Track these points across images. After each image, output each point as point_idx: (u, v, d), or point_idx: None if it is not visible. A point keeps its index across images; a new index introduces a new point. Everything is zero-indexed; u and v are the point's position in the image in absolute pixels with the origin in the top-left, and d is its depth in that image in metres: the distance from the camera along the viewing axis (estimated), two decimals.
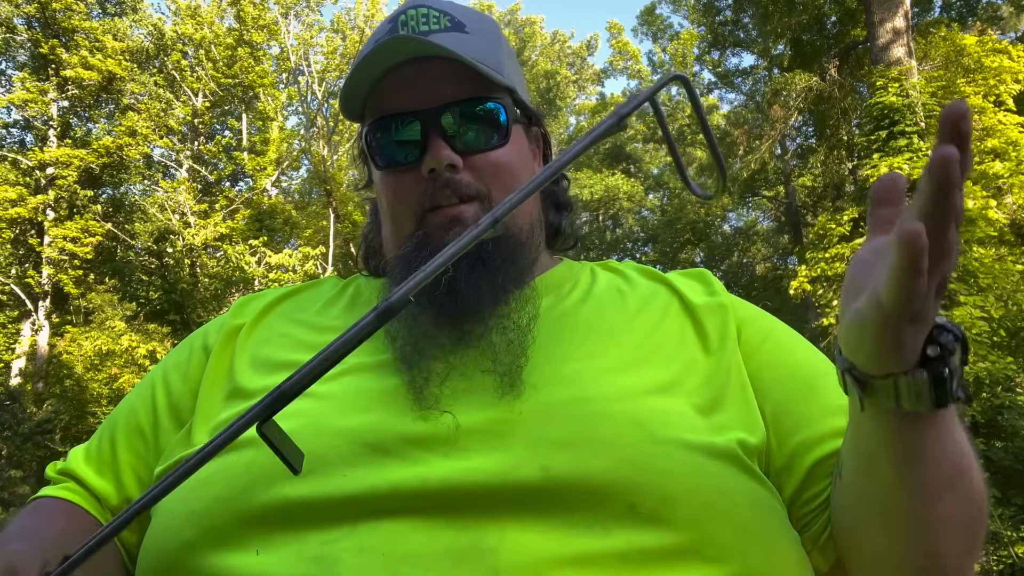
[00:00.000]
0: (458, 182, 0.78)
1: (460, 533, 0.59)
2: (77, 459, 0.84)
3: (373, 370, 0.74)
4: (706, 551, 0.61)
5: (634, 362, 0.72)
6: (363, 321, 0.47)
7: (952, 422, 0.59)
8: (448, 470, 0.62)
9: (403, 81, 0.79)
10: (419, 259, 0.75)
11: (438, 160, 0.76)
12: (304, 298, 0.89)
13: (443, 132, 0.77)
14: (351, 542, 0.59)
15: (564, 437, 0.64)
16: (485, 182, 0.79)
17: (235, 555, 0.62)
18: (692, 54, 18.34)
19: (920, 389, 0.53)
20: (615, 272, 0.89)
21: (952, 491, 0.61)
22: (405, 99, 0.79)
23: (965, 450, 0.62)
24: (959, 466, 0.61)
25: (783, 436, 0.74)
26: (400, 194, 0.80)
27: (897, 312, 0.47)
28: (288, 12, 17.10)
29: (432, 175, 0.77)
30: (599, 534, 0.60)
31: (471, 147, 0.79)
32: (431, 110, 0.78)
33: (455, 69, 0.78)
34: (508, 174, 0.81)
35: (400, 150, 0.79)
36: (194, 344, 0.86)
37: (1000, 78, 9.01)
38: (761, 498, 0.68)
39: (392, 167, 0.80)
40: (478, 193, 0.78)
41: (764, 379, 0.76)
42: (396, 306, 0.46)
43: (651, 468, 0.63)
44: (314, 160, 17.50)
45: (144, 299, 14.79)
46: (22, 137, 15.69)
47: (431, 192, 0.78)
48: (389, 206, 0.82)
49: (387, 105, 0.80)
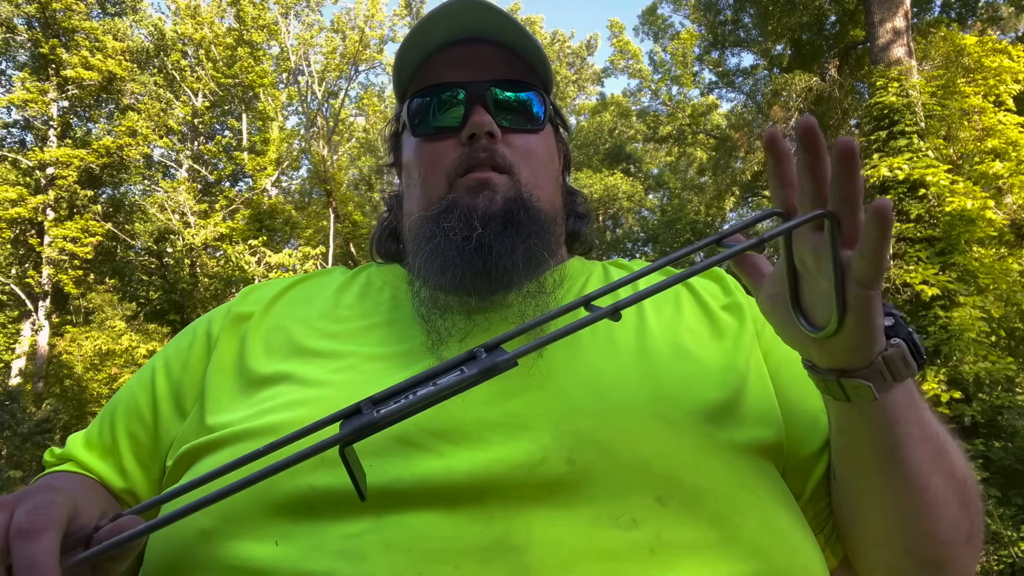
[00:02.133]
0: (494, 151, 0.79)
1: (486, 527, 0.58)
2: (77, 445, 0.82)
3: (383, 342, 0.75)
4: (732, 545, 0.61)
5: (653, 357, 0.72)
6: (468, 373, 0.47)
7: (921, 400, 0.63)
8: (473, 462, 0.61)
9: (451, 59, 0.83)
10: (448, 220, 0.77)
11: (480, 125, 0.79)
12: (314, 285, 0.88)
13: (486, 104, 0.80)
14: (377, 536, 0.59)
15: (588, 428, 0.64)
16: (517, 160, 0.81)
17: (254, 545, 0.60)
18: (692, 54, 18.33)
19: (903, 353, 0.57)
20: (627, 270, 0.90)
21: (938, 470, 0.64)
22: (453, 74, 0.82)
23: (940, 429, 0.66)
24: (938, 445, 0.64)
25: (798, 435, 0.74)
26: (435, 161, 0.82)
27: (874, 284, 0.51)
28: (288, 12, 17.10)
29: (471, 141, 0.79)
30: (627, 528, 0.59)
31: (510, 124, 0.82)
32: (478, 82, 0.81)
33: (503, 54, 0.82)
34: (538, 160, 0.83)
35: (442, 117, 0.82)
36: (197, 331, 0.85)
37: (1000, 78, 9.00)
38: (783, 494, 0.68)
39: (431, 135, 0.83)
40: (509, 168, 0.80)
41: (782, 377, 0.77)
42: (502, 365, 0.47)
43: (678, 461, 0.63)
44: (314, 160, 17.50)
45: (144, 299, 14.80)
46: (22, 137, 15.69)
47: (467, 156, 0.79)
48: (422, 173, 0.83)
49: (434, 78, 0.83)
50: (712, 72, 18.31)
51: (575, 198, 0.97)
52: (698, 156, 20.27)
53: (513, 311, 0.76)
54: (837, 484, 0.70)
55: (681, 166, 22.65)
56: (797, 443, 0.74)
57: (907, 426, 0.61)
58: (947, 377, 7.40)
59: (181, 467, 0.70)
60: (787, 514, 0.67)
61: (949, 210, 7.87)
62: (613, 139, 24.18)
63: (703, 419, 0.67)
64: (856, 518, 0.70)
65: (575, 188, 0.99)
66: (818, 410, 0.75)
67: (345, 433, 0.45)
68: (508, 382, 0.67)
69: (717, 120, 19.62)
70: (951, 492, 0.65)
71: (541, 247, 0.78)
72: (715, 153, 16.82)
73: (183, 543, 0.64)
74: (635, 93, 22.45)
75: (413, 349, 0.74)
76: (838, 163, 0.50)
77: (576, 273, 0.87)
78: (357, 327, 0.78)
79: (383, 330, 0.77)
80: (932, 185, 7.97)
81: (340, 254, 16.69)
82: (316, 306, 0.83)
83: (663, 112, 20.22)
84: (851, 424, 0.63)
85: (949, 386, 7.35)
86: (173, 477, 0.71)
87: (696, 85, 19.17)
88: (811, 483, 0.73)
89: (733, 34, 16.12)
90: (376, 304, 0.82)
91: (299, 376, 0.71)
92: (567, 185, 0.98)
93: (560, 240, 0.89)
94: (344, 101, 18.26)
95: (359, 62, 17.47)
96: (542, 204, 0.81)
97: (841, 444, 0.67)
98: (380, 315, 0.80)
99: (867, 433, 0.62)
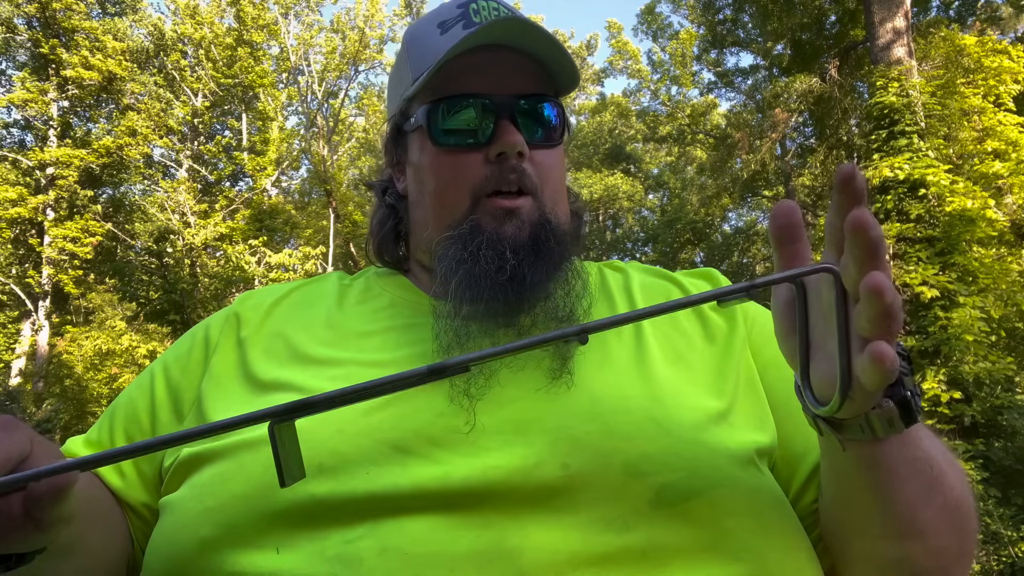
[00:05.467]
0: (523, 170, 0.77)
1: (482, 532, 0.59)
2: (77, 444, 0.82)
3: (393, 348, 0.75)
4: (724, 549, 0.61)
5: (646, 361, 0.73)
6: (413, 372, 0.46)
7: (918, 433, 0.60)
8: (469, 468, 0.62)
9: (476, 67, 0.79)
10: (473, 243, 0.75)
11: (512, 144, 0.76)
12: (312, 291, 0.88)
13: (515, 120, 0.78)
14: (373, 541, 0.59)
15: (582, 433, 0.64)
16: (540, 178, 0.79)
17: (255, 554, 0.61)
18: (691, 53, 18.33)
19: (891, 416, 0.54)
20: (621, 272, 0.90)
21: (928, 504, 0.62)
22: (477, 84, 0.79)
23: (936, 458, 0.63)
24: (930, 478, 0.62)
25: (785, 438, 0.74)
26: (458, 175, 0.79)
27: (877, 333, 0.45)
28: (288, 12, 17.11)
29: (500, 159, 0.77)
30: (620, 531, 0.60)
31: (534, 141, 0.80)
32: (507, 96, 0.78)
33: (526, 63, 0.79)
34: (557, 175, 0.82)
35: (467, 131, 0.79)
36: (196, 337, 0.85)
37: (1000, 78, 9.00)
38: (776, 497, 0.68)
39: (454, 147, 0.79)
40: (534, 189, 0.78)
41: (769, 377, 0.77)
42: (450, 369, 0.46)
43: (671, 466, 0.63)
44: (314, 160, 17.50)
45: (144, 299, 14.80)
46: (22, 137, 15.72)
47: (496, 176, 0.77)
48: (441, 186, 0.80)
49: (457, 86, 0.79)
50: (711, 72, 18.32)
51: (571, 196, 0.95)
52: (698, 156, 20.27)
53: (538, 331, 0.75)
54: (822, 500, 0.70)
55: (681, 166, 22.65)
56: (784, 446, 0.74)
57: (894, 466, 0.59)
58: (947, 377, 7.40)
59: (181, 473, 0.70)
60: (780, 516, 0.67)
61: (949, 210, 7.87)
62: (613, 139, 24.18)
63: (696, 424, 0.67)
64: (839, 538, 0.69)
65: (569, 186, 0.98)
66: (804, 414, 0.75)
67: (276, 410, 0.47)
68: (506, 390, 0.68)
69: (717, 120, 19.62)
70: (942, 521, 0.63)
71: (568, 268, 0.78)
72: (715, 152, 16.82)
73: (183, 553, 0.64)
74: (634, 93, 22.47)
75: (411, 356, 0.74)
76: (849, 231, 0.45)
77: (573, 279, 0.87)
78: (356, 334, 0.78)
79: (381, 337, 0.77)
80: (932, 185, 7.97)
81: (340, 254, 16.69)
82: (315, 313, 0.83)
83: (663, 112, 20.23)
84: (834, 455, 0.62)
85: (949, 386, 7.35)
86: (173, 483, 0.71)
87: (695, 85, 19.18)
88: (795, 486, 0.73)
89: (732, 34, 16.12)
90: (374, 311, 0.81)
91: (298, 384, 0.71)
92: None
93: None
94: (344, 101, 18.27)
95: (359, 62, 17.47)
96: (561, 221, 0.81)
97: (825, 467, 0.67)
98: (379, 322, 0.79)
99: (851, 468, 0.60)
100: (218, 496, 0.64)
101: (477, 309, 0.73)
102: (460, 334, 0.73)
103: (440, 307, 0.75)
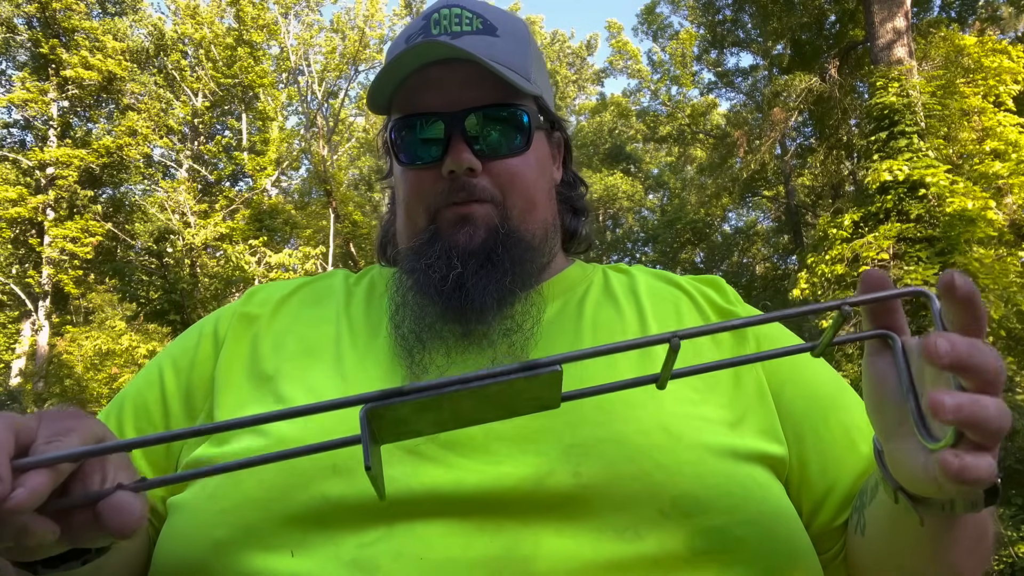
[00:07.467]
0: (473, 186, 0.79)
1: (495, 538, 0.60)
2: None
3: (377, 363, 0.75)
4: (733, 556, 0.62)
5: (652, 366, 0.72)
6: (509, 368, 0.47)
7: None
8: (482, 475, 0.62)
9: (430, 81, 0.80)
10: (430, 253, 0.78)
11: (458, 163, 0.78)
12: (319, 289, 0.89)
13: (465, 135, 0.79)
14: (388, 545, 0.60)
15: (593, 441, 0.64)
16: (501, 188, 0.81)
17: (269, 556, 0.61)
18: (692, 53, 18.33)
19: (975, 500, 0.53)
20: (627, 275, 0.90)
21: (974, 553, 0.64)
22: (431, 99, 0.80)
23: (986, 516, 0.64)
24: (983, 533, 0.64)
25: (805, 454, 0.74)
26: (418, 190, 0.82)
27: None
28: (288, 12, 17.11)
29: (451, 176, 0.79)
30: (631, 539, 0.60)
31: (491, 152, 0.80)
32: (455, 113, 0.79)
33: (482, 73, 0.79)
34: (524, 182, 0.82)
35: (423, 148, 0.81)
36: (203, 330, 0.85)
37: (1000, 78, 9.00)
38: (784, 506, 0.69)
39: (413, 164, 0.82)
40: (492, 197, 0.80)
41: (786, 395, 0.77)
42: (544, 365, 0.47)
43: (682, 473, 0.63)
44: (314, 160, 17.50)
45: (144, 299, 14.80)
46: (22, 137, 15.70)
47: (447, 192, 0.79)
48: (406, 200, 0.84)
49: (413, 103, 0.81)
50: (711, 72, 18.32)
51: (574, 191, 0.95)
52: (698, 156, 20.26)
53: (486, 344, 0.76)
54: (862, 536, 0.70)
55: (681, 166, 22.64)
56: (803, 462, 0.74)
57: (961, 538, 0.61)
58: None
59: None
60: (789, 525, 0.67)
61: (949, 210, 7.88)
62: (613, 139, 24.17)
63: (706, 431, 0.67)
64: (872, 568, 0.71)
65: (578, 177, 0.97)
66: (827, 433, 0.75)
67: (372, 395, 0.47)
68: None
69: (717, 120, 19.61)
70: (980, 563, 0.66)
71: (518, 282, 0.78)
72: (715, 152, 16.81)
73: (198, 554, 0.64)
74: (634, 93, 22.47)
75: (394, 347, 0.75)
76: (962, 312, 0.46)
77: (575, 282, 0.87)
78: (363, 333, 0.79)
79: (387, 337, 0.78)
80: (932, 185, 7.97)
81: (340, 254, 16.69)
82: (323, 311, 0.83)
83: (663, 112, 20.22)
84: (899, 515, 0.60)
85: None
86: (182, 484, 0.71)
87: (695, 85, 19.18)
88: (813, 502, 0.73)
89: (732, 34, 16.13)
90: (380, 310, 0.83)
91: (309, 381, 0.72)
92: (570, 175, 0.96)
93: (555, 249, 0.88)
94: (344, 101, 18.27)
95: (359, 62, 17.47)
96: (529, 227, 0.81)
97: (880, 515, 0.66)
98: (384, 322, 0.80)
99: (916, 531, 0.60)
100: (231, 497, 0.64)
101: (425, 316, 0.76)
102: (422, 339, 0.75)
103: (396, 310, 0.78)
